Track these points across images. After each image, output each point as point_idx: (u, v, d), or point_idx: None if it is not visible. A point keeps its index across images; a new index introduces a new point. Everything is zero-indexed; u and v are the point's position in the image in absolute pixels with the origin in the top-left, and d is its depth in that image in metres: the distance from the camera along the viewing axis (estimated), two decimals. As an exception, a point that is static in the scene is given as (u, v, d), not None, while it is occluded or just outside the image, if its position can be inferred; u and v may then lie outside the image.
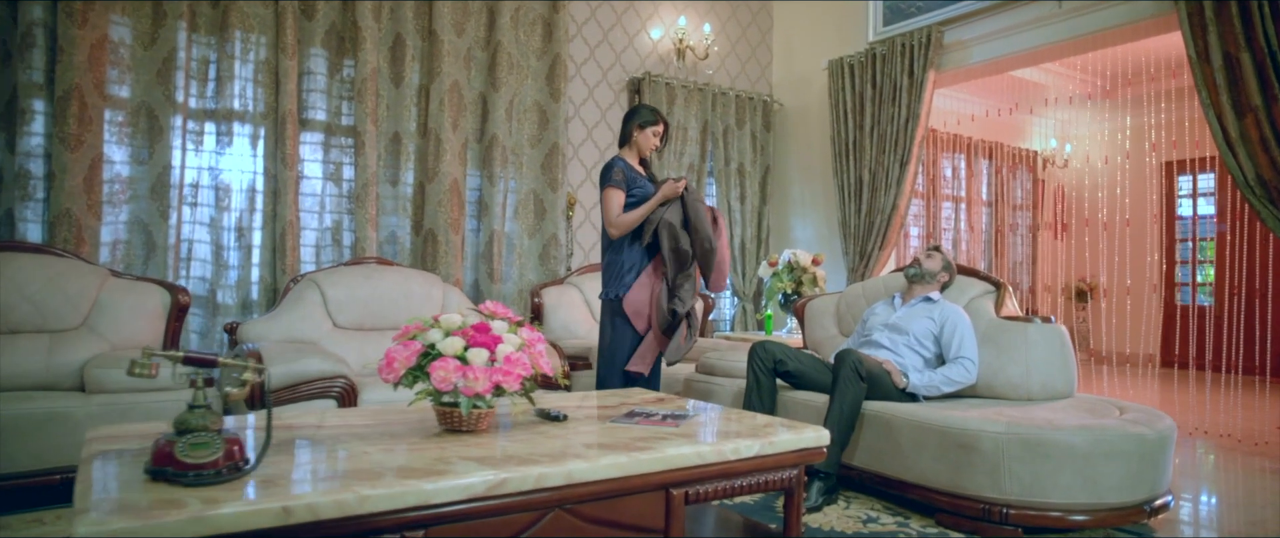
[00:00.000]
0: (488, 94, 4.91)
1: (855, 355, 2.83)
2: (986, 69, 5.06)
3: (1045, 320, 3.03)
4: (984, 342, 3.08)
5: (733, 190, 5.98)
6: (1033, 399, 2.92)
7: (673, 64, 5.85)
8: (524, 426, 2.05)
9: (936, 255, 3.35)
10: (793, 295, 4.81)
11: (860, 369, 2.79)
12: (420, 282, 3.95)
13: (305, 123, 4.38)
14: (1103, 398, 2.96)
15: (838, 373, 2.82)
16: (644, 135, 3.51)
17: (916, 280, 3.31)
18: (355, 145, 4.44)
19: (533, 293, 4.48)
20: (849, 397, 2.76)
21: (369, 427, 2.00)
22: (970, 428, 2.48)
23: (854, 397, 2.77)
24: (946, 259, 3.35)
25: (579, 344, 4.11)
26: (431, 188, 4.66)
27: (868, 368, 2.84)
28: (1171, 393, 5.95)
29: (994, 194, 7.96)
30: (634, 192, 3.45)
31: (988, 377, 3.01)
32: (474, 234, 4.94)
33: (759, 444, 1.89)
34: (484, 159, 4.91)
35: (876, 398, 2.91)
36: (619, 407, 2.37)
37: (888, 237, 5.13)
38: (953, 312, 3.11)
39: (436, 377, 1.82)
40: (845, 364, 2.80)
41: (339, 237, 4.54)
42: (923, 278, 3.29)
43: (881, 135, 5.22)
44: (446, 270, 4.65)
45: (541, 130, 5.14)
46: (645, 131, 3.51)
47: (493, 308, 2.10)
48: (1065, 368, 2.95)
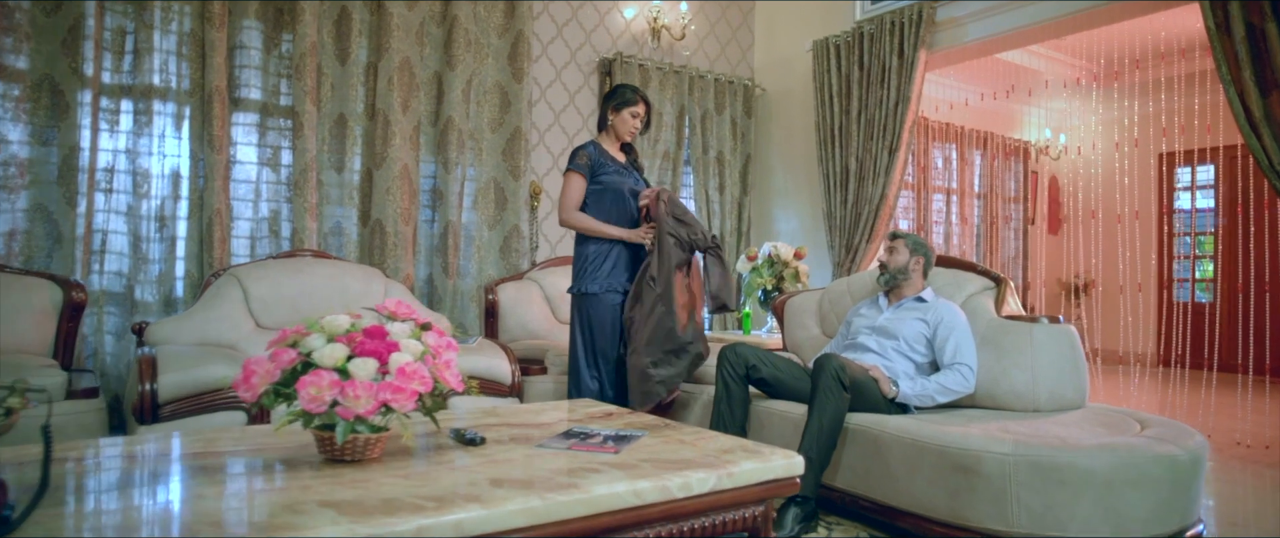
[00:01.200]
0: (443, 73, 4.52)
1: (836, 361, 2.46)
2: (981, 48, 4.71)
3: (1053, 320, 2.67)
4: (984, 345, 2.72)
5: (711, 180, 5.60)
6: (1040, 411, 2.56)
7: (647, 45, 5.47)
8: (428, 452, 1.67)
9: (899, 246, 2.94)
10: (773, 292, 4.44)
11: (842, 377, 2.43)
12: (359, 277, 3.56)
13: (238, 102, 3.97)
14: (1116, 409, 2.61)
15: (817, 382, 2.45)
16: (621, 118, 3.16)
17: (892, 285, 2.94)
18: (293, 127, 4.04)
19: (487, 289, 4.10)
20: (829, 409, 2.40)
21: (236, 453, 1.61)
22: (971, 448, 2.12)
23: (835, 409, 2.41)
24: (914, 241, 2.94)
25: (536, 346, 3.73)
26: (379, 174, 4.26)
27: (851, 375, 2.47)
28: (1172, 395, 5.63)
29: (986, 186, 7.63)
30: (600, 178, 3.09)
31: (988, 384, 2.65)
32: (428, 226, 4.55)
33: (715, 477, 1.52)
34: (439, 144, 4.51)
35: (862, 409, 2.54)
36: (557, 424, 2.00)
37: (876, 229, 4.77)
38: (948, 311, 2.75)
39: (305, 395, 1.44)
40: (825, 371, 2.44)
41: (277, 227, 4.14)
42: (897, 279, 2.92)
43: (869, 120, 4.86)
44: (395, 265, 4.26)
45: (503, 114, 4.75)
46: (622, 113, 3.16)
47: (393, 307, 1.72)
48: (1076, 375, 2.60)
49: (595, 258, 3.04)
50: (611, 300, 3.04)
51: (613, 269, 3.07)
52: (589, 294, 3.05)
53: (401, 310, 1.72)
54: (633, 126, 3.19)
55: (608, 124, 3.21)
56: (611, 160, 3.15)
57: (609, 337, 3.05)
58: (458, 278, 4.57)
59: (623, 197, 3.12)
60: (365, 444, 1.54)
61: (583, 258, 3.07)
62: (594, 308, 3.03)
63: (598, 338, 3.04)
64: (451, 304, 4.49)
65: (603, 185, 3.11)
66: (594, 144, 3.16)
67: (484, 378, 3.14)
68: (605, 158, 3.14)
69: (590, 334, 3.05)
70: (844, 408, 2.44)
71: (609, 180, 3.11)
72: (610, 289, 3.04)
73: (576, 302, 3.10)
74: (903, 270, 2.91)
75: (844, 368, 2.45)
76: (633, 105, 3.16)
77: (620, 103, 3.17)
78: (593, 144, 3.16)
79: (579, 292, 3.08)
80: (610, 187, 3.11)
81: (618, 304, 3.05)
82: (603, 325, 3.05)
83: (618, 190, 3.11)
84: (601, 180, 3.11)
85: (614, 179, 3.11)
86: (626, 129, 3.18)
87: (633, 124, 3.18)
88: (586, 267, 3.04)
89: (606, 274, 3.05)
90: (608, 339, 3.06)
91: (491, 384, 3.16)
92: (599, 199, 3.11)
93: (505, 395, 3.20)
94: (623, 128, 3.18)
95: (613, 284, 3.04)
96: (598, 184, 3.11)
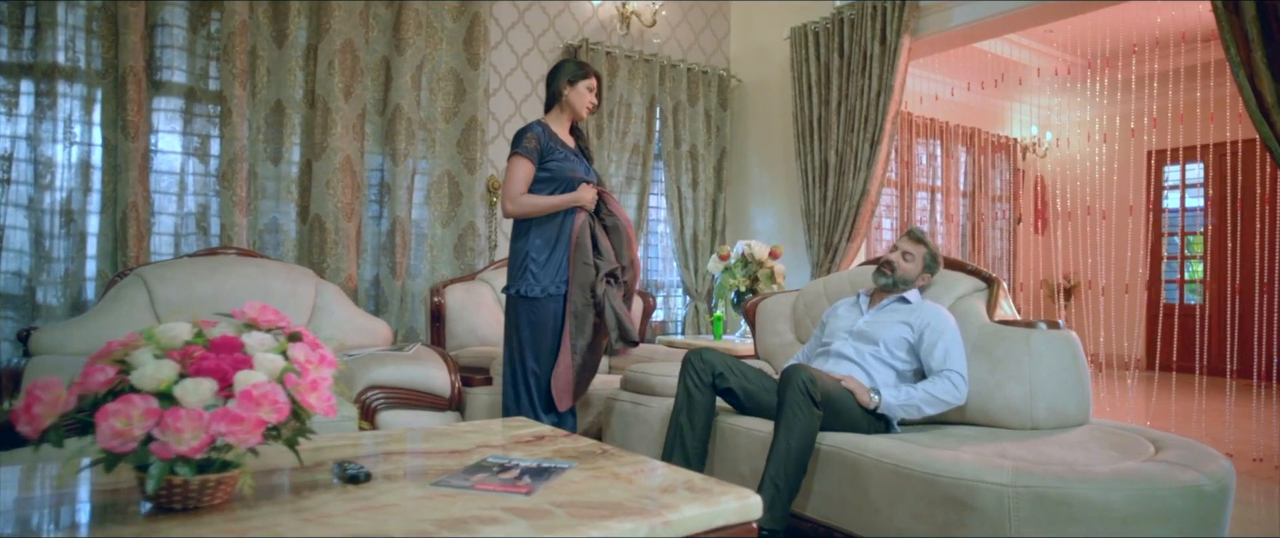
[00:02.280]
0: (391, 58, 4.17)
1: (805, 373, 2.15)
2: (967, 34, 4.43)
3: (1052, 326, 2.38)
4: (975, 353, 2.42)
5: (684, 175, 5.29)
6: (1039, 428, 2.26)
7: (616, 32, 5.15)
8: (291, 495, 1.34)
9: (918, 253, 2.63)
10: (746, 294, 4.14)
11: (812, 391, 2.12)
12: (285, 278, 3.21)
13: (159, 85, 3.61)
14: (1123, 426, 2.32)
15: (783, 397, 2.14)
16: (576, 92, 2.80)
17: (889, 289, 2.64)
18: (221, 114, 3.69)
19: (433, 291, 3.76)
20: (797, 429, 2.09)
21: (42, 498, 1.28)
22: (964, 476, 1.81)
23: (804, 429, 2.09)
24: (932, 252, 2.66)
25: (487, 353, 3.40)
26: (319, 166, 3.91)
27: (823, 388, 2.16)
28: (1169, 403, 5.38)
29: (971, 184, 7.37)
30: (549, 164, 2.74)
31: (981, 398, 2.35)
32: (374, 222, 4.20)
33: (646, 528, 1.20)
34: (387, 134, 4.17)
35: (838, 428, 2.24)
36: (473, 451, 1.67)
37: (857, 227, 4.48)
38: (934, 315, 2.45)
39: (106, 430, 1.11)
40: (792, 386, 2.13)
41: (205, 223, 3.78)
42: (896, 285, 2.62)
43: (850, 111, 4.56)
44: (336, 265, 3.91)
45: (458, 103, 4.41)
46: (577, 87, 2.80)
47: (255, 313, 1.39)
48: (1079, 387, 2.30)
49: (538, 254, 2.71)
50: (554, 306, 2.69)
51: (559, 268, 2.71)
52: (529, 298, 2.69)
53: (265, 317, 1.39)
54: (590, 102, 2.83)
55: (559, 101, 2.85)
56: (560, 144, 2.79)
57: (549, 346, 2.71)
58: (407, 279, 4.23)
59: (572, 186, 2.76)
60: (202, 489, 1.21)
61: (522, 254, 2.72)
62: (535, 313, 2.68)
63: (538, 347, 2.70)
64: (399, 308, 4.15)
65: (550, 172, 2.73)
66: (542, 125, 2.80)
67: (417, 391, 2.80)
68: (554, 141, 2.77)
69: (530, 342, 2.69)
70: (815, 427, 2.13)
71: (557, 167, 2.74)
72: (553, 293, 2.69)
73: (513, 305, 2.75)
74: (908, 281, 2.62)
75: (814, 381, 2.14)
76: (587, 78, 2.81)
77: (574, 76, 2.80)
78: (540, 124, 2.79)
79: (516, 294, 2.74)
80: (559, 174, 2.74)
81: (561, 310, 2.71)
82: (543, 333, 2.69)
83: (566, 179, 2.74)
84: (549, 166, 2.73)
85: (563, 166, 2.75)
86: (584, 105, 2.82)
87: (589, 100, 2.82)
88: (527, 264, 2.71)
89: (552, 274, 2.71)
90: (547, 349, 2.71)
91: (427, 397, 2.83)
92: (546, 187, 2.73)
93: (443, 409, 2.87)
94: (580, 103, 2.81)
95: (557, 286, 2.70)
96: (545, 170, 2.73)
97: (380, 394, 2.75)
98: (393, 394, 2.77)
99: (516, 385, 2.70)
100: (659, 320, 5.46)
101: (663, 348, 3.85)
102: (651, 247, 5.40)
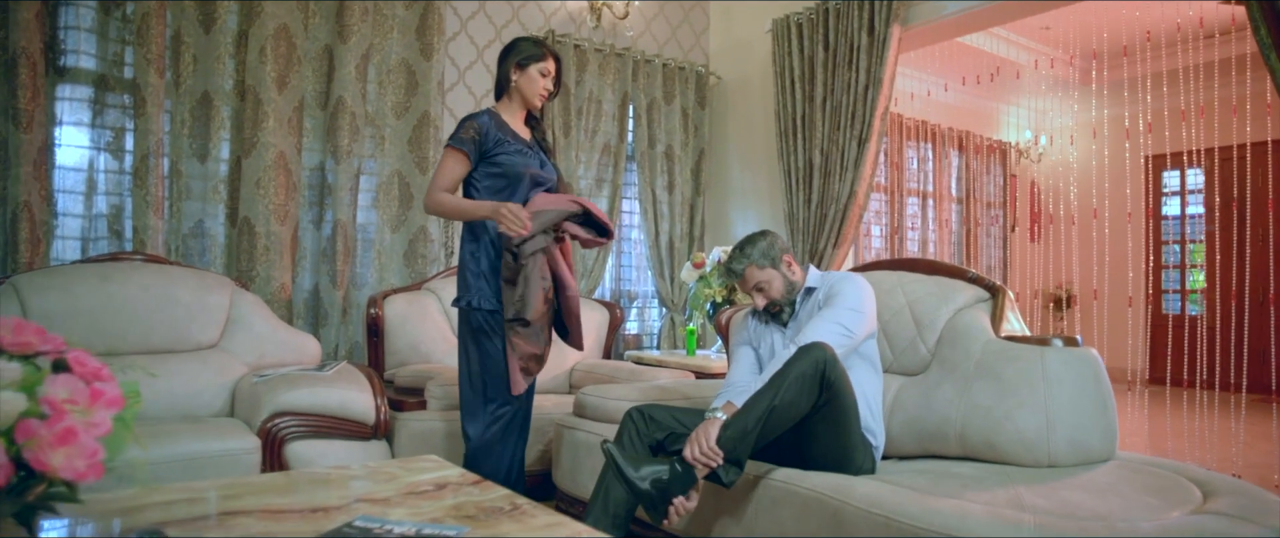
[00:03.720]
0: (334, 46, 3.80)
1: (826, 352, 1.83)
2: (961, 24, 4.10)
3: (1069, 343, 2.02)
4: (980, 375, 2.06)
5: (659, 177, 4.93)
6: (1057, 466, 1.90)
7: (586, 24, 4.80)
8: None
9: (752, 273, 2.17)
10: (724, 304, 3.77)
11: (829, 372, 1.80)
12: (194, 287, 2.82)
13: (63, 72, 3.23)
14: (1156, 461, 1.96)
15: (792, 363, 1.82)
16: (527, 77, 2.41)
17: (789, 312, 2.22)
18: (134, 103, 3.30)
19: (370, 303, 3.37)
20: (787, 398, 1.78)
21: None
22: (974, 534, 1.44)
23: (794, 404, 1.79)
24: (759, 251, 2.18)
25: (423, 372, 3.01)
26: (248, 164, 3.53)
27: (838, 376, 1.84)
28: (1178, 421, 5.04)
29: (964, 190, 7.04)
30: (498, 158, 2.35)
31: (987, 430, 1.98)
32: (314, 227, 3.82)
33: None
34: (329, 129, 3.79)
35: (818, 461, 1.87)
36: (345, 506, 1.29)
37: (844, 232, 4.13)
38: (837, 280, 2.17)
39: None
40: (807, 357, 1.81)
41: (118, 226, 3.39)
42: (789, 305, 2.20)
43: (835, 108, 4.22)
44: (266, 273, 3.52)
45: (409, 97, 4.04)
46: (527, 72, 2.41)
47: (8, 334, 1.01)
48: (1103, 416, 1.94)
49: (488, 262, 2.34)
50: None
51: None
52: (484, 310, 2.33)
53: (19, 339, 1.01)
54: (542, 87, 2.43)
55: (509, 87, 2.46)
56: (512, 136, 2.40)
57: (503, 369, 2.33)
58: (350, 288, 3.84)
59: (523, 182, 2.38)
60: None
61: (474, 261, 2.35)
62: (485, 325, 2.31)
63: (492, 364, 2.34)
64: (340, 321, 3.76)
65: (500, 167, 2.34)
66: (490, 114, 2.41)
67: (334, 417, 2.41)
68: (504, 132, 2.38)
69: (485, 361, 2.33)
70: (804, 407, 1.80)
71: (508, 162, 2.34)
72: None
73: (465, 318, 2.40)
74: (791, 289, 2.20)
75: (833, 363, 1.81)
76: (541, 61, 2.42)
77: (525, 57, 2.41)
78: (488, 114, 2.41)
79: (469, 306, 2.39)
80: (510, 170, 2.35)
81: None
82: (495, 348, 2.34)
83: (519, 175, 2.37)
84: (499, 161, 2.34)
85: (515, 160, 2.36)
86: (535, 91, 2.42)
87: (542, 85, 2.43)
88: (478, 273, 2.34)
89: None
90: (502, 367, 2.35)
91: (347, 424, 2.44)
92: (494, 184, 2.36)
93: (367, 438, 2.48)
94: (531, 90, 2.42)
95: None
96: (494, 165, 2.35)
97: (290, 423, 2.36)
98: (306, 422, 2.39)
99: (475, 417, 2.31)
100: (633, 334, 5.08)
101: (629, 365, 3.47)
102: (624, 254, 5.03)
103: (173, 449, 2.14)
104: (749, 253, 2.18)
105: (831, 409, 1.83)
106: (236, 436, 2.28)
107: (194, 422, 2.42)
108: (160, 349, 2.66)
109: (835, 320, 1.98)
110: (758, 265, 2.17)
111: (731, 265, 2.22)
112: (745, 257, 2.18)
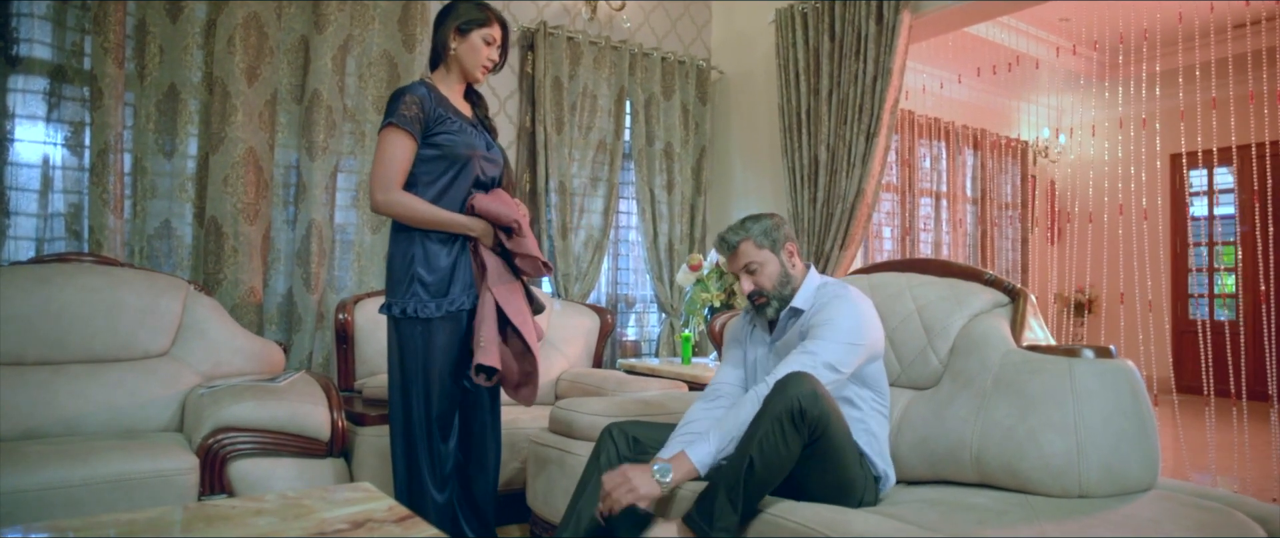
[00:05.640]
0: (310, 37, 3.60)
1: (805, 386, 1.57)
2: (975, 11, 3.85)
3: (1102, 353, 1.77)
4: (999, 390, 1.81)
5: (657, 176, 4.70)
6: (1089, 495, 1.65)
7: (580, 16, 4.59)
8: None
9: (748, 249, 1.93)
10: (721, 309, 3.54)
11: (808, 409, 1.54)
12: (144, 290, 2.61)
13: (16, 62, 3.04)
14: (1204, 491, 1.70)
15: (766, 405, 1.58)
16: (469, 44, 2.09)
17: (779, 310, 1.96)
18: (91, 96, 3.11)
19: (339, 308, 3.16)
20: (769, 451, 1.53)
21: None
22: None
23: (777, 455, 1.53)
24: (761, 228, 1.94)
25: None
26: (216, 160, 3.33)
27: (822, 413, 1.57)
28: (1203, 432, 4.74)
29: (979, 189, 6.76)
30: (438, 136, 2.04)
31: (1008, 453, 1.73)
32: (288, 227, 3.61)
33: None
34: (303, 125, 3.58)
35: (812, 492, 1.63)
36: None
37: (851, 232, 3.88)
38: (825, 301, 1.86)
39: None
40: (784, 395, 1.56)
41: (77, 226, 3.19)
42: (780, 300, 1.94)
43: (842, 101, 3.98)
44: (234, 276, 3.32)
45: (391, 91, 3.82)
46: (469, 38, 2.09)
47: None
48: (1142, 438, 1.69)
49: (437, 262, 2.09)
50: (449, 329, 2.05)
51: (464, 279, 2.07)
52: (415, 318, 2.02)
53: None
54: (486, 57, 2.12)
55: (447, 55, 2.13)
56: (453, 112, 2.09)
57: (445, 383, 2.04)
58: (327, 292, 3.63)
59: (468, 166, 2.08)
60: None
61: (413, 261, 2.08)
62: (421, 337, 2.02)
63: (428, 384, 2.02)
64: (316, 327, 3.55)
65: (439, 149, 2.04)
66: (427, 86, 2.09)
67: (284, 433, 2.20)
68: (445, 108, 2.07)
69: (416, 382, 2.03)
70: (792, 458, 1.55)
71: (449, 141, 2.04)
72: (457, 309, 2.06)
73: (394, 328, 2.07)
74: (784, 286, 1.94)
75: (816, 398, 1.55)
76: (485, 26, 2.10)
77: (467, 22, 2.08)
78: (424, 85, 2.09)
79: (400, 313, 2.05)
80: (450, 151, 2.05)
81: (462, 332, 2.07)
82: (434, 363, 2.03)
83: (462, 157, 2.07)
84: (437, 142, 2.03)
85: (457, 140, 2.05)
86: (477, 62, 2.11)
87: (485, 55, 2.11)
88: (410, 273, 2.11)
89: (458, 287, 2.09)
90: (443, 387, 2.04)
91: (298, 441, 2.22)
92: (432, 170, 2.05)
93: (322, 455, 2.26)
94: (472, 60, 2.10)
95: (461, 301, 2.07)
96: (432, 147, 2.04)
97: (234, 439, 2.14)
98: (252, 439, 2.17)
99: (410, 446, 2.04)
100: (631, 341, 4.85)
101: (619, 375, 3.23)
102: (621, 256, 4.80)
103: (96, 470, 1.93)
104: (750, 227, 1.94)
105: (821, 448, 1.59)
106: (172, 454, 2.07)
107: (130, 438, 2.22)
108: (103, 358, 2.46)
109: (818, 359, 1.72)
110: (755, 243, 1.92)
111: (726, 236, 1.97)
112: (744, 230, 1.94)
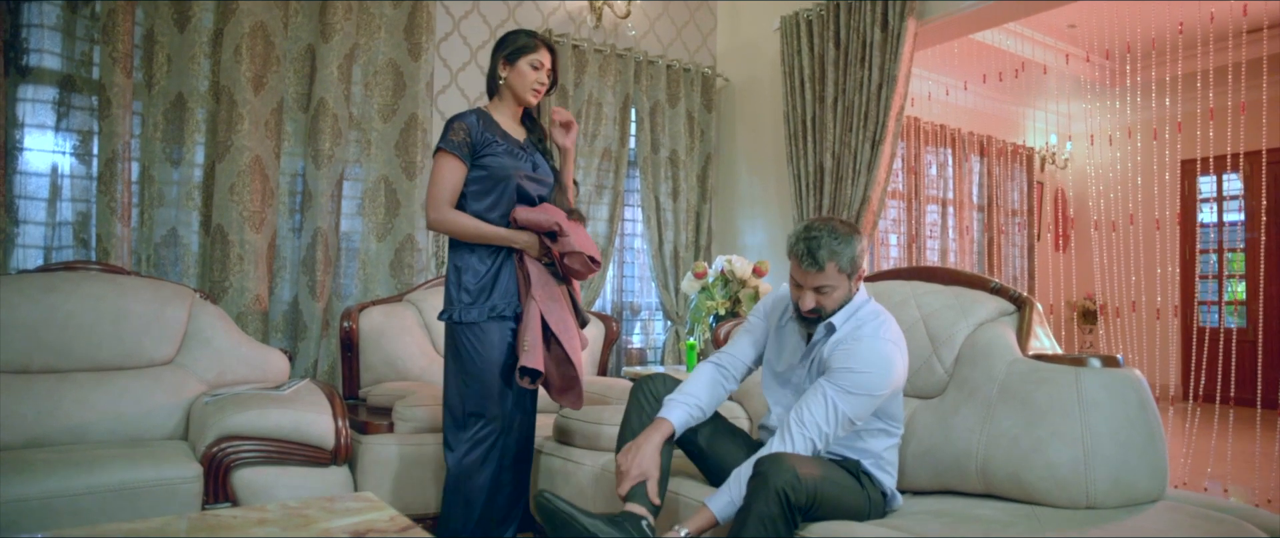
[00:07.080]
0: (316, 45, 3.62)
1: (788, 473, 1.50)
2: (981, 17, 3.83)
3: (1109, 362, 1.75)
4: (1005, 399, 1.80)
5: (663, 183, 4.70)
6: (1096, 506, 1.63)
7: (586, 24, 4.60)
8: None
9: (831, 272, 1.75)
10: (726, 317, 3.53)
11: (793, 499, 1.49)
12: (149, 299, 2.62)
13: (27, 72, 3.07)
14: (1214, 501, 1.68)
15: (751, 502, 1.52)
16: (517, 72, 2.22)
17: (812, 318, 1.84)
18: (99, 105, 3.13)
19: (344, 316, 3.16)
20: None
21: None
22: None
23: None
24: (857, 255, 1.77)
25: (395, 392, 2.78)
26: (222, 168, 3.35)
27: (810, 490, 1.52)
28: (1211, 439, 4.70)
29: (986, 196, 6.74)
30: (484, 159, 2.16)
31: (1014, 463, 1.72)
32: (294, 235, 3.62)
33: None
34: (309, 133, 3.60)
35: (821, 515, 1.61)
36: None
37: (856, 240, 3.86)
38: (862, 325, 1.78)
39: None
40: (767, 489, 1.50)
41: (84, 235, 3.21)
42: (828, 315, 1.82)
43: (847, 108, 3.97)
44: (240, 284, 3.33)
45: (397, 99, 3.85)
46: (519, 65, 2.22)
47: None
48: (1151, 449, 1.67)
49: (476, 272, 2.16)
50: (500, 331, 2.16)
51: (505, 286, 2.18)
52: (465, 323, 2.14)
53: None
54: (535, 82, 2.24)
55: (500, 84, 2.27)
56: (502, 136, 2.21)
57: (494, 382, 2.14)
58: (333, 300, 3.64)
59: (510, 185, 2.19)
60: None
61: (460, 272, 2.17)
62: (475, 341, 2.13)
63: (481, 384, 2.13)
64: (322, 335, 3.55)
65: (486, 171, 2.16)
66: (479, 113, 2.23)
67: (288, 441, 2.20)
68: (494, 132, 2.20)
69: (467, 379, 2.14)
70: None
71: (495, 165, 2.16)
72: (498, 314, 2.15)
73: (450, 333, 2.20)
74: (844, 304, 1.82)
75: (798, 483, 1.50)
76: (531, 53, 2.22)
77: (515, 51, 2.23)
78: (476, 114, 2.23)
79: (453, 319, 2.17)
80: (497, 173, 2.17)
81: (510, 336, 2.16)
82: (487, 365, 2.14)
83: (504, 177, 2.18)
84: (485, 164, 2.16)
85: (503, 162, 2.17)
86: (527, 87, 2.23)
87: (534, 79, 2.23)
88: (463, 283, 2.16)
89: (498, 294, 2.17)
90: (492, 386, 2.14)
91: (303, 449, 2.22)
92: (480, 191, 2.18)
93: (326, 464, 2.26)
94: (521, 85, 2.23)
95: (502, 307, 2.16)
96: (480, 169, 2.17)
97: (238, 447, 2.15)
98: (256, 447, 2.17)
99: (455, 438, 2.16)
100: (637, 348, 4.84)
101: (624, 382, 3.23)
102: (626, 264, 4.80)
103: (101, 478, 1.93)
104: (841, 250, 1.74)
105: (816, 513, 1.57)
106: (176, 463, 2.07)
107: (134, 446, 2.22)
108: (108, 366, 2.47)
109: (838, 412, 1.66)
110: (840, 268, 1.75)
111: (815, 250, 1.73)
112: (835, 253, 1.73)
